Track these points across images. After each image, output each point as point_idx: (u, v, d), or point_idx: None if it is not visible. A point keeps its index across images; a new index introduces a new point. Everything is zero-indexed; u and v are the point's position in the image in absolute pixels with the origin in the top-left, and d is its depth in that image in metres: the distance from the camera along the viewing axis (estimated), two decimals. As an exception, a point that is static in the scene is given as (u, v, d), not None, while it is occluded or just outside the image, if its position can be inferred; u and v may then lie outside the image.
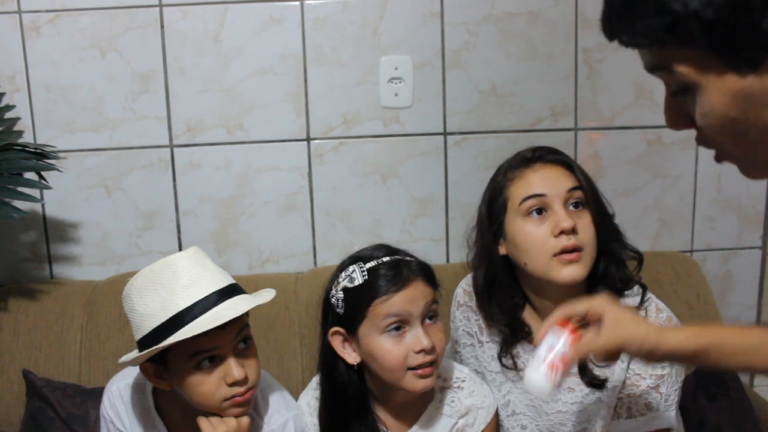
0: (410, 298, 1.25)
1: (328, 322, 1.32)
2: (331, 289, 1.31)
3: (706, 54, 0.72)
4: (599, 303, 1.07)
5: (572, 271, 1.26)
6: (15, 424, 1.59)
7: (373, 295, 1.26)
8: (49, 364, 1.62)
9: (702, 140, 0.80)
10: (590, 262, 1.28)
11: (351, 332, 1.29)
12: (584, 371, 1.31)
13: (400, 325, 1.25)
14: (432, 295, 1.28)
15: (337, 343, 1.30)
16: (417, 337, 1.25)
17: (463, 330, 1.47)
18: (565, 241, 1.25)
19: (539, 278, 1.30)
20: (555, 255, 1.26)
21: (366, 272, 1.27)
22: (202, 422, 1.21)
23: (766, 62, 0.71)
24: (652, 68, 0.78)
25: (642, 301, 1.31)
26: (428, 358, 1.25)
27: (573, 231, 1.26)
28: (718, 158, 0.82)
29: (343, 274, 1.30)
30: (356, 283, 1.28)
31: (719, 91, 0.74)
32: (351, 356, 1.30)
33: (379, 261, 1.28)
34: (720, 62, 0.72)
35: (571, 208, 1.28)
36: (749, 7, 0.68)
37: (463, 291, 1.47)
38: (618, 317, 1.05)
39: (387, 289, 1.25)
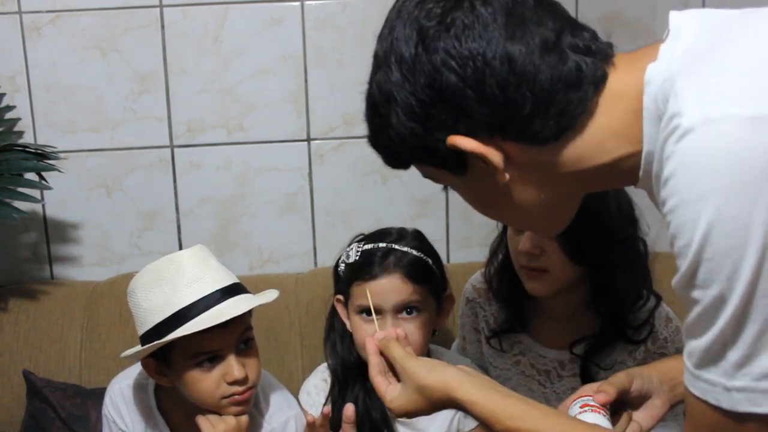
0: (382, 290, 1.28)
1: (336, 287, 1.39)
2: (339, 259, 1.39)
3: (432, 167, 0.84)
4: None
5: (534, 286, 1.29)
6: (15, 424, 1.58)
7: (353, 277, 1.32)
8: (50, 364, 1.62)
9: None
10: (557, 282, 1.28)
11: (345, 302, 1.36)
12: (586, 377, 1.31)
13: (370, 312, 1.28)
14: (408, 292, 1.29)
15: (340, 308, 1.38)
16: (384, 328, 1.26)
17: (471, 326, 1.48)
18: (525, 261, 1.28)
19: None
20: (521, 267, 1.30)
21: (360, 253, 1.33)
22: (201, 421, 1.22)
23: (469, 167, 0.80)
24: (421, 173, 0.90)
25: (653, 310, 1.31)
26: None
27: (533, 254, 1.26)
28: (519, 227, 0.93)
29: (348, 248, 1.37)
30: (350, 260, 1.34)
31: (457, 187, 0.88)
32: (348, 323, 1.36)
33: (377, 245, 1.33)
34: (445, 171, 0.83)
35: None
36: (418, 135, 0.79)
37: (473, 287, 1.48)
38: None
39: (363, 275, 1.30)
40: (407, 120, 0.78)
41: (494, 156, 0.76)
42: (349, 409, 1.22)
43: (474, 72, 0.74)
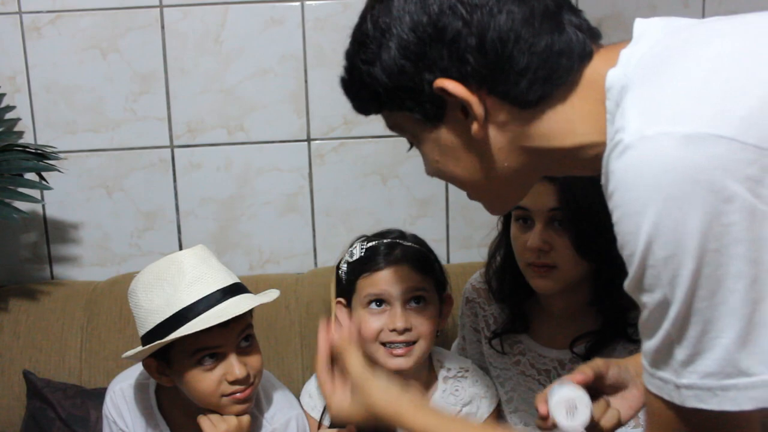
0: (392, 279, 1.31)
1: (336, 291, 1.39)
2: (341, 261, 1.40)
3: (406, 114, 0.84)
4: None
5: (541, 284, 1.29)
6: (15, 424, 1.58)
7: (361, 270, 1.33)
8: (50, 364, 1.62)
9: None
10: (565, 279, 1.28)
11: (348, 304, 1.36)
12: None
13: (380, 302, 1.31)
14: (416, 281, 1.32)
15: (340, 312, 1.36)
16: (393, 317, 1.30)
17: (470, 326, 1.48)
18: (533, 258, 1.28)
19: None
20: (527, 264, 1.29)
21: (364, 249, 1.35)
22: (203, 421, 1.22)
23: (446, 117, 0.81)
24: (389, 128, 0.91)
25: None
26: (400, 338, 1.30)
27: (542, 250, 1.26)
28: (469, 197, 0.93)
29: (350, 248, 1.38)
30: (354, 258, 1.36)
31: (423, 142, 0.86)
32: None
33: (380, 241, 1.35)
34: (417, 120, 0.83)
35: (556, 225, 1.27)
36: (408, 73, 0.80)
37: (472, 287, 1.48)
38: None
39: (371, 267, 1.32)
40: (400, 56, 0.80)
41: (477, 106, 0.78)
42: None
43: (480, 21, 0.77)
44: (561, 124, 0.79)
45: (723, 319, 0.64)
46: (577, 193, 1.25)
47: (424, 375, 1.39)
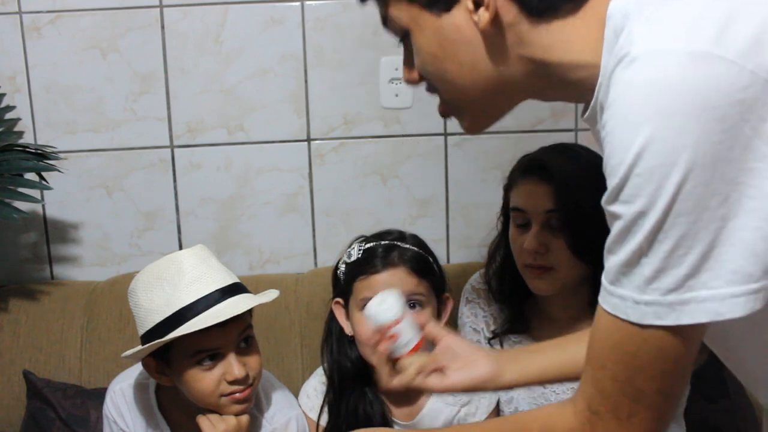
0: (387, 283, 1.29)
1: (335, 291, 1.40)
2: (339, 261, 1.40)
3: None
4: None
5: (539, 285, 1.30)
6: (15, 424, 1.59)
7: (358, 272, 1.33)
8: (50, 364, 1.62)
9: (428, 88, 0.90)
10: (563, 280, 1.29)
11: (346, 304, 1.36)
12: None
13: None
14: (412, 284, 1.31)
15: (338, 312, 1.38)
16: None
17: (470, 326, 1.48)
18: (530, 260, 1.29)
19: None
20: (525, 266, 1.30)
21: (362, 251, 1.35)
22: (202, 421, 1.22)
23: (455, 6, 0.81)
24: (382, 21, 0.89)
25: None
26: None
27: (539, 252, 1.27)
28: (444, 112, 0.92)
29: (348, 249, 1.38)
30: (352, 259, 1.36)
31: (423, 31, 0.84)
32: (347, 326, 1.37)
33: (378, 243, 1.35)
34: (421, 5, 0.82)
35: (554, 225, 1.28)
36: None
37: (472, 288, 1.48)
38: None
39: (368, 270, 1.32)
40: None
41: None
42: None
43: None
44: (561, 39, 0.80)
45: (695, 235, 0.66)
46: (573, 195, 1.25)
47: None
